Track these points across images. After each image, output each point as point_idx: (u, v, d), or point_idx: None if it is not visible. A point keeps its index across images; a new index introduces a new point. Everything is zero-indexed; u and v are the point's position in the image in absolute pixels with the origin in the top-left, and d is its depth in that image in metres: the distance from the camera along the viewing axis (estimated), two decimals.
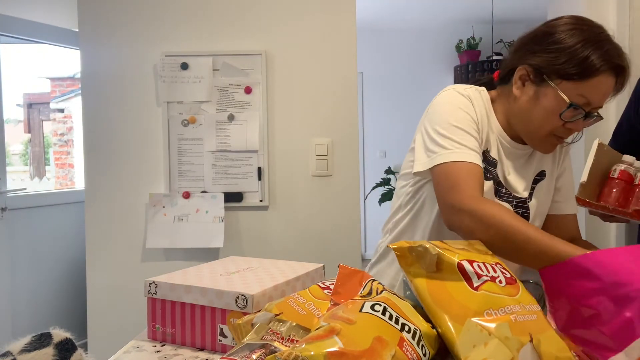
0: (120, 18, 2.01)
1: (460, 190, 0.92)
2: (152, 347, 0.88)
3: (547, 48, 0.98)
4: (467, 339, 0.63)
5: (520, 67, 1.02)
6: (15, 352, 0.62)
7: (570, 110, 0.96)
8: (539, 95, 0.99)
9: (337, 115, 2.02)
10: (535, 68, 0.99)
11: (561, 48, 0.96)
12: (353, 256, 2.03)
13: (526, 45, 1.03)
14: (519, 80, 1.03)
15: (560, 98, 0.96)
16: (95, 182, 2.04)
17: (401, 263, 0.74)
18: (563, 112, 0.96)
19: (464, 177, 0.93)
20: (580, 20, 0.99)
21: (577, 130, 1.01)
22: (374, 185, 4.96)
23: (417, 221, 1.12)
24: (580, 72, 0.94)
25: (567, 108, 0.96)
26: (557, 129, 1.00)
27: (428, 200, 1.09)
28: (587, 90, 0.95)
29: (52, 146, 7.28)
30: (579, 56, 0.94)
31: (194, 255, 2.02)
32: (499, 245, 0.84)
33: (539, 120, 1.00)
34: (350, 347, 0.56)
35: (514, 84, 1.04)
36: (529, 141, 1.06)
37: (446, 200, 0.94)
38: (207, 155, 2.00)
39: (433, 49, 5.33)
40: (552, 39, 0.98)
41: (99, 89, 2.03)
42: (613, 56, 0.94)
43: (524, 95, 1.02)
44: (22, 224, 2.55)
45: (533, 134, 1.02)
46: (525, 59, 1.01)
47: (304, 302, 0.76)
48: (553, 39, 0.97)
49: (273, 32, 2.01)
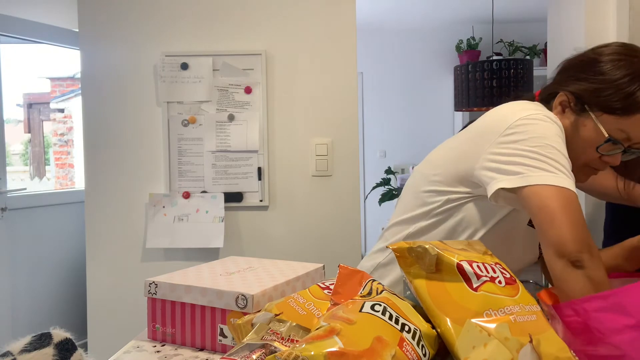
0: (120, 18, 2.01)
1: (577, 221, 0.83)
2: (152, 347, 0.88)
3: (592, 77, 0.94)
4: (466, 339, 0.63)
5: (562, 92, 0.98)
6: (15, 352, 0.62)
7: (608, 145, 0.93)
8: (578, 125, 0.96)
9: (337, 115, 2.02)
10: (576, 96, 0.96)
11: (607, 80, 0.92)
12: (353, 256, 2.03)
13: (570, 70, 0.99)
14: (559, 105, 0.99)
15: (599, 131, 0.93)
16: (95, 182, 2.04)
17: (401, 264, 0.74)
18: (600, 146, 0.94)
19: (578, 209, 0.84)
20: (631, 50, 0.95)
21: (614, 164, 0.97)
22: (374, 185, 4.95)
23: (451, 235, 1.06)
24: (623, 108, 0.90)
25: (605, 142, 0.93)
26: (593, 161, 0.96)
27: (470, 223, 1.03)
28: (628, 126, 0.91)
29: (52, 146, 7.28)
30: (624, 90, 0.90)
31: (194, 255, 2.02)
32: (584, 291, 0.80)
33: (576, 150, 0.96)
34: (350, 347, 0.56)
35: (554, 108, 1.00)
36: None
37: (561, 226, 0.83)
38: (207, 155, 2.00)
39: (433, 49, 5.33)
40: (598, 67, 0.94)
41: (99, 89, 2.03)
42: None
43: (563, 123, 0.97)
44: (22, 224, 2.55)
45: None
46: (568, 84, 0.98)
47: (304, 302, 0.76)
48: (599, 68, 0.94)
49: (273, 32, 2.01)
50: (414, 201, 1.12)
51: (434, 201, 1.07)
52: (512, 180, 0.89)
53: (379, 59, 5.32)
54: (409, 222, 1.12)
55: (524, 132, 0.91)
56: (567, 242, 0.82)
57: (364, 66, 5.24)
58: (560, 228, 0.83)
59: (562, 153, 0.89)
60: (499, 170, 0.91)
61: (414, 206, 1.12)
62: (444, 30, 5.29)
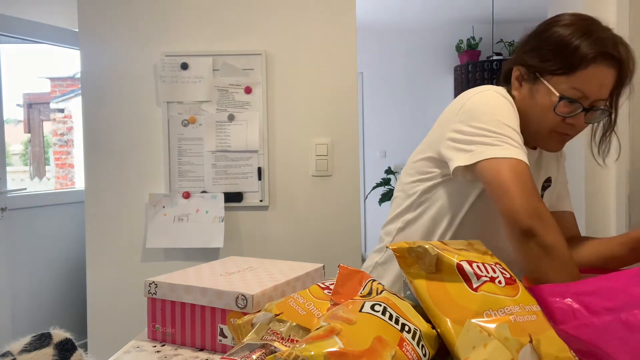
0: (120, 18, 2.01)
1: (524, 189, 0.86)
2: (152, 347, 0.88)
3: (539, 45, 0.97)
4: (466, 340, 0.63)
5: (515, 68, 1.02)
6: (15, 352, 0.62)
7: (564, 104, 0.95)
8: (534, 93, 0.99)
9: (337, 115, 2.02)
10: (528, 67, 0.99)
11: (551, 42, 0.94)
12: (353, 256, 2.03)
13: (521, 46, 1.03)
14: (515, 81, 1.02)
15: (552, 92, 0.95)
16: (95, 182, 2.04)
17: (400, 264, 0.74)
18: (556, 107, 0.95)
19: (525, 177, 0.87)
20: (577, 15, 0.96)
21: (580, 126, 0.98)
22: (374, 185, 4.96)
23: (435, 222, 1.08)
24: (569, 65, 0.92)
25: (559, 102, 0.94)
26: (557, 126, 0.97)
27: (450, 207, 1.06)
28: (579, 82, 0.92)
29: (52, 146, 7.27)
30: (568, 48, 0.92)
31: (194, 255, 2.02)
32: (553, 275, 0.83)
33: (537, 117, 0.99)
34: (350, 347, 0.56)
35: (512, 85, 1.03)
36: (535, 141, 1.04)
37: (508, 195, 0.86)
38: (207, 155, 2.00)
39: (433, 49, 5.33)
40: (545, 35, 0.97)
41: (99, 89, 2.03)
42: (605, 45, 0.91)
43: (521, 96, 1.01)
44: (22, 224, 2.55)
45: (537, 133, 1.01)
46: (520, 59, 1.01)
47: (304, 302, 0.76)
48: (545, 35, 0.97)
49: (273, 32, 2.01)
50: (400, 195, 1.16)
51: (415, 192, 1.11)
52: (466, 158, 0.93)
53: (379, 59, 5.31)
54: (398, 217, 1.16)
55: (474, 111, 0.96)
56: (517, 212, 0.85)
57: (364, 66, 5.24)
58: (509, 198, 0.86)
59: (509, 126, 0.93)
60: (456, 149, 0.96)
61: (400, 200, 1.16)
62: (444, 30, 5.28)
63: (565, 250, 0.84)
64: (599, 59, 0.91)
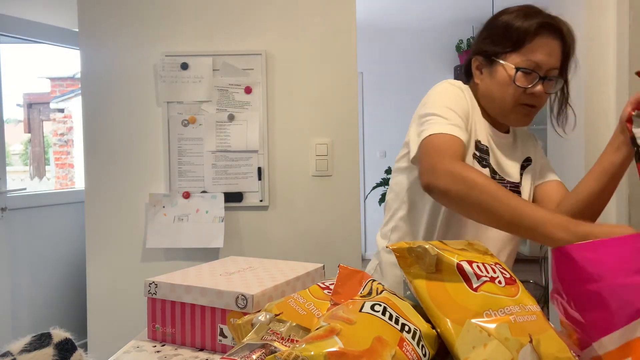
0: (120, 18, 2.01)
1: (441, 155, 0.94)
2: (152, 347, 0.88)
3: (489, 33, 1.08)
4: (466, 340, 0.63)
5: (473, 59, 1.11)
6: (15, 352, 0.62)
7: (521, 76, 1.03)
8: (492, 75, 1.07)
9: (337, 115, 2.02)
10: (483, 54, 1.08)
11: (499, 27, 1.05)
12: (353, 256, 2.03)
13: (475, 38, 1.13)
14: (476, 70, 1.11)
15: (509, 67, 1.03)
16: (95, 182, 2.04)
17: (400, 264, 0.74)
18: (515, 78, 1.03)
19: (448, 146, 0.96)
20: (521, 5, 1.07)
21: (541, 95, 1.05)
22: (374, 185, 4.96)
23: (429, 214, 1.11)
24: (517, 41, 1.02)
25: (516, 73, 1.02)
26: (520, 98, 1.05)
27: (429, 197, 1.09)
28: (530, 54, 1.02)
29: (52, 146, 7.27)
30: (512, 28, 1.03)
31: (194, 255, 2.02)
32: (469, 201, 0.87)
33: (499, 94, 1.06)
34: (350, 347, 0.56)
35: (474, 76, 1.12)
36: (503, 120, 1.11)
37: (425, 163, 0.96)
38: (207, 155, 2.00)
39: (433, 49, 5.33)
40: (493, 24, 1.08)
41: (99, 89, 2.03)
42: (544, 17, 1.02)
43: (483, 82, 1.09)
44: (22, 224, 2.55)
45: (503, 110, 1.08)
46: (476, 49, 1.11)
47: (304, 302, 0.76)
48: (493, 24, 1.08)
49: (273, 32, 2.01)
50: (391, 196, 1.22)
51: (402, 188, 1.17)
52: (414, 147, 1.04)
53: (379, 58, 5.31)
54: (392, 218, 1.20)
55: (426, 103, 1.07)
56: (420, 174, 0.96)
57: (364, 66, 5.24)
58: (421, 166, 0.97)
59: (449, 108, 1.02)
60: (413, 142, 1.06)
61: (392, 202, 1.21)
62: (444, 30, 5.28)
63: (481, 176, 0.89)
64: (541, 31, 1.01)
